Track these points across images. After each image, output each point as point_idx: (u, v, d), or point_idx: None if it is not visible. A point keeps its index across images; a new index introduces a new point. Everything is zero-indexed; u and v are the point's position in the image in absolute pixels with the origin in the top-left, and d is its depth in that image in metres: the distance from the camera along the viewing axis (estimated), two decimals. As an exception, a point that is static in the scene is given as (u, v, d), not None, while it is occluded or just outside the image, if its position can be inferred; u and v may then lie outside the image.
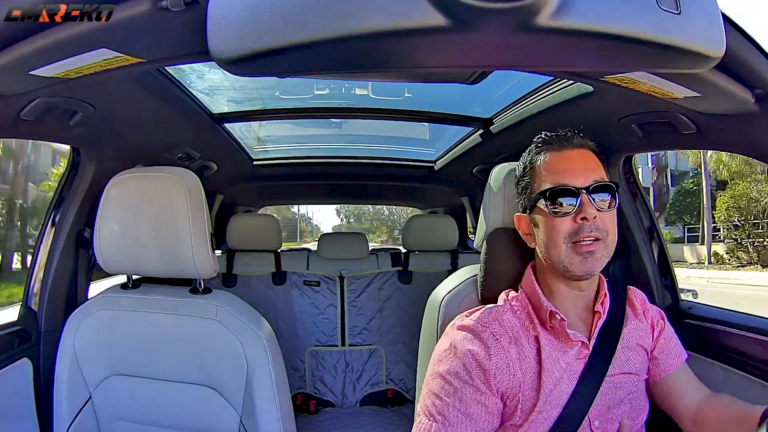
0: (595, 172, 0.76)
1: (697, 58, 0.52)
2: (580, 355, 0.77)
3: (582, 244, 0.73)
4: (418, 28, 0.45)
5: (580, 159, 0.78)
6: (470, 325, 0.78)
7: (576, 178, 0.75)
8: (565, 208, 0.74)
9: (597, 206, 0.74)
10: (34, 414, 1.05)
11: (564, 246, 0.74)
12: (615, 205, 0.76)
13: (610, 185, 0.76)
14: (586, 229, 0.73)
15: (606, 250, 0.75)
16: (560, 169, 0.77)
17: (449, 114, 1.69)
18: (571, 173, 0.76)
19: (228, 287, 2.12)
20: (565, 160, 0.78)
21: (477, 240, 1.00)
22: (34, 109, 0.83)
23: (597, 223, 0.74)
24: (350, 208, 32.83)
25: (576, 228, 0.74)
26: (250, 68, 0.50)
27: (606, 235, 0.74)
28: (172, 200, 0.94)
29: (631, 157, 1.22)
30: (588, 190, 0.74)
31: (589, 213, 0.73)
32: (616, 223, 0.77)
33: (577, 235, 0.73)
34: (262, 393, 0.93)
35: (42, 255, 1.16)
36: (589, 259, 0.73)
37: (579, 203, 0.74)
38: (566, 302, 0.80)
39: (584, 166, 0.77)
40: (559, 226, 0.75)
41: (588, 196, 0.74)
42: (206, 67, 1.25)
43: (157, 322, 0.98)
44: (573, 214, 0.74)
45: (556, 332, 0.77)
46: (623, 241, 1.22)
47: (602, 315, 0.79)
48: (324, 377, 2.19)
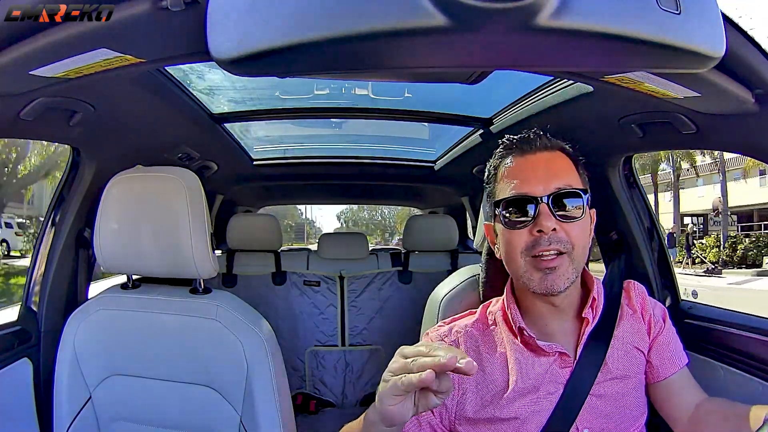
0: (560, 178, 0.71)
1: (697, 58, 0.52)
2: (564, 364, 0.75)
3: (542, 259, 0.68)
4: (418, 28, 0.45)
5: (543, 164, 0.72)
6: (433, 336, 0.80)
7: (535, 186, 0.70)
8: (521, 220, 0.69)
9: (558, 217, 0.68)
10: (34, 414, 1.05)
11: (522, 260, 0.70)
12: (583, 215, 0.71)
13: (575, 192, 0.70)
14: (544, 243, 0.68)
15: (572, 265, 0.69)
16: (519, 176, 0.71)
17: (449, 114, 1.69)
18: (530, 180, 0.70)
19: (228, 287, 2.12)
20: (525, 165, 0.72)
21: (477, 240, 1.00)
22: (34, 109, 0.83)
23: (558, 235, 0.68)
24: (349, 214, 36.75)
25: (532, 241, 0.69)
26: (250, 68, 0.50)
27: (571, 248, 0.69)
28: (172, 200, 0.94)
29: (631, 157, 1.22)
30: (549, 198, 0.68)
31: (545, 225, 0.68)
32: (587, 233, 0.72)
33: (534, 249, 0.69)
34: (262, 393, 0.93)
35: (42, 255, 1.16)
36: (550, 276, 0.68)
37: (536, 214, 0.68)
38: (542, 315, 0.76)
39: (546, 172, 0.71)
40: (514, 240, 0.70)
41: (548, 206, 0.68)
42: (206, 67, 1.25)
43: (157, 322, 0.98)
44: (529, 226, 0.69)
45: (528, 345, 0.75)
46: (623, 240, 1.22)
47: (591, 321, 0.75)
48: (324, 377, 2.19)
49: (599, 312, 0.78)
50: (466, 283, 0.97)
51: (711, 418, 0.75)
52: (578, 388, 0.74)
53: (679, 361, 0.81)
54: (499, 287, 0.89)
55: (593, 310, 0.77)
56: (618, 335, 0.78)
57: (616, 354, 0.77)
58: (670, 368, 0.80)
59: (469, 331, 0.80)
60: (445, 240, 2.18)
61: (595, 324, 0.77)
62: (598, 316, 0.77)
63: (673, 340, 0.83)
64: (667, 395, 0.79)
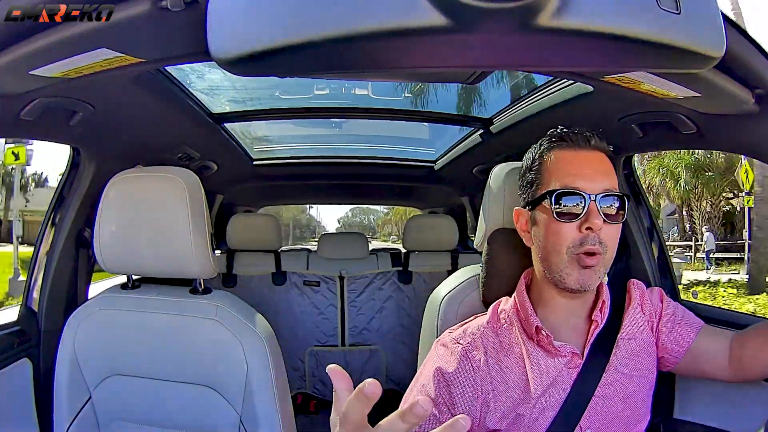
0: (608, 179, 0.72)
1: (697, 58, 0.52)
2: (572, 365, 0.75)
3: (584, 256, 0.69)
4: (418, 28, 0.45)
5: (595, 162, 0.73)
6: (447, 341, 0.79)
7: (588, 183, 0.70)
8: (572, 214, 0.70)
9: (604, 217, 0.70)
10: (34, 414, 1.05)
11: (566, 255, 0.70)
12: (622, 219, 0.72)
13: (621, 196, 0.72)
14: (590, 241, 0.69)
15: (604, 266, 0.71)
16: (572, 170, 0.72)
17: (449, 114, 1.69)
18: (584, 177, 0.71)
19: (228, 287, 2.12)
20: (578, 160, 0.73)
21: (477, 240, 1.00)
22: (34, 109, 0.83)
23: (601, 235, 0.69)
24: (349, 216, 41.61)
25: (580, 238, 0.69)
26: (250, 68, 0.50)
27: (606, 250, 0.70)
28: (172, 200, 0.94)
29: (631, 157, 1.22)
30: (599, 198, 0.70)
31: (595, 223, 0.68)
32: (618, 238, 0.73)
33: (581, 247, 0.69)
34: (261, 393, 0.93)
35: (42, 255, 1.16)
36: (587, 272, 0.70)
37: (587, 211, 0.69)
38: (559, 313, 0.77)
39: (598, 170, 0.72)
40: (562, 232, 0.70)
41: (597, 205, 0.69)
42: (206, 67, 1.25)
43: (157, 322, 0.98)
44: (579, 222, 0.70)
45: (543, 344, 0.75)
46: (623, 240, 1.22)
47: (599, 324, 0.76)
48: (324, 377, 2.19)
49: (606, 314, 0.78)
50: (466, 283, 0.97)
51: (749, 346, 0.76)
52: (583, 389, 0.74)
53: (693, 326, 0.81)
54: (499, 287, 0.89)
55: (602, 313, 0.77)
56: (623, 336, 0.78)
57: (621, 354, 0.77)
58: (688, 336, 0.79)
59: (485, 331, 0.79)
60: (445, 240, 2.18)
61: (603, 326, 0.77)
62: (605, 319, 0.78)
63: (679, 311, 0.82)
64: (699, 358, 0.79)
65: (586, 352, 0.75)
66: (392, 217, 40.83)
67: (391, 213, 40.71)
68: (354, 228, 35.61)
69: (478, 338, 0.78)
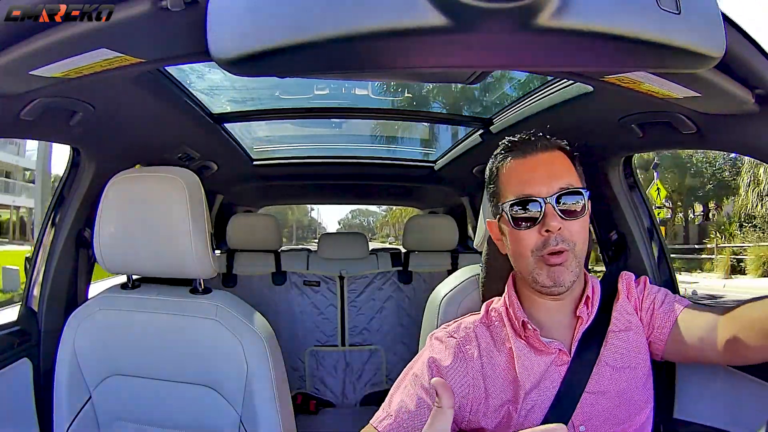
0: (561, 177, 0.73)
1: (697, 58, 0.52)
2: (560, 362, 0.76)
3: (548, 256, 0.71)
4: (418, 28, 0.45)
5: (544, 165, 0.74)
6: (441, 335, 0.81)
7: (539, 187, 0.72)
8: (529, 221, 0.72)
9: (563, 216, 0.71)
10: (34, 414, 1.05)
11: (531, 259, 0.73)
12: (584, 212, 0.73)
13: (577, 191, 0.73)
14: (552, 242, 0.71)
15: (575, 260, 0.72)
16: (522, 178, 0.74)
17: (449, 114, 1.69)
18: (534, 182, 0.73)
19: (228, 287, 2.12)
20: (527, 167, 0.75)
21: (477, 240, 1.00)
22: (34, 109, 0.83)
23: (563, 234, 0.71)
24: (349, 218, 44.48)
25: (542, 241, 0.71)
26: (250, 68, 0.50)
27: (573, 245, 0.72)
28: (172, 200, 0.94)
29: (631, 157, 1.22)
30: (553, 199, 0.71)
31: (552, 225, 0.70)
32: (587, 230, 0.74)
33: (544, 249, 0.71)
34: (261, 393, 0.93)
35: (42, 255, 1.16)
36: (557, 269, 0.71)
37: (542, 215, 0.71)
38: (544, 310, 0.78)
39: (548, 172, 0.73)
40: (524, 239, 0.73)
41: (553, 206, 0.71)
42: (206, 67, 1.25)
43: (157, 322, 0.98)
44: (538, 226, 0.72)
45: (530, 341, 0.76)
46: (623, 240, 1.22)
47: (585, 320, 0.77)
48: (324, 377, 2.20)
49: (595, 309, 0.79)
50: (466, 283, 0.97)
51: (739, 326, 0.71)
52: (573, 386, 0.74)
53: (676, 308, 0.79)
54: (498, 287, 0.89)
55: (588, 308, 0.78)
56: (612, 329, 0.79)
57: (611, 348, 0.77)
58: (669, 318, 0.78)
59: (479, 327, 0.81)
60: (445, 240, 2.18)
61: (591, 322, 0.78)
62: (594, 314, 0.78)
63: (660, 294, 0.82)
64: (685, 340, 0.76)
65: (573, 348, 0.76)
66: (389, 219, 41.36)
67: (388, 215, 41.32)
68: (354, 229, 36.11)
69: (472, 333, 0.80)
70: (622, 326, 0.79)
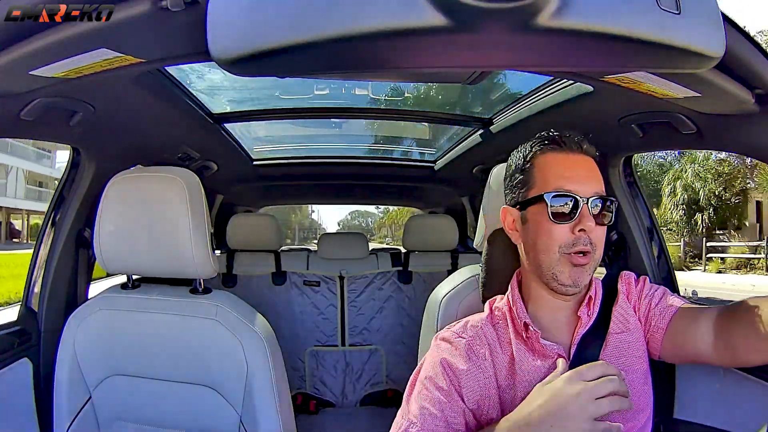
0: (598, 183, 0.75)
1: (697, 58, 0.52)
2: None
3: (576, 255, 0.72)
4: (419, 29, 0.45)
5: (585, 166, 0.75)
6: (448, 336, 0.80)
7: (581, 186, 0.73)
8: (565, 216, 0.72)
9: (596, 219, 0.72)
10: (34, 414, 1.05)
11: (558, 254, 0.73)
12: (610, 221, 0.75)
13: (611, 199, 0.75)
14: (582, 242, 0.71)
15: (593, 265, 0.74)
16: (566, 172, 0.74)
17: (449, 114, 1.69)
18: (577, 180, 0.73)
19: (228, 287, 2.12)
20: (570, 164, 0.75)
21: (477, 240, 1.00)
22: (34, 109, 0.83)
23: (591, 236, 0.72)
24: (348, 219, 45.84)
25: (573, 239, 0.72)
26: (250, 68, 0.50)
27: (595, 250, 0.73)
28: (172, 200, 0.94)
29: (631, 157, 1.22)
30: (592, 201, 0.72)
31: (588, 225, 0.71)
32: (604, 240, 0.76)
33: (573, 247, 0.72)
34: (261, 393, 0.93)
35: (42, 255, 1.16)
36: (578, 269, 0.72)
37: (580, 214, 0.72)
38: (548, 310, 0.78)
39: (588, 175, 0.75)
40: (556, 233, 0.72)
41: (589, 208, 0.72)
42: (206, 67, 1.25)
43: (157, 322, 0.98)
44: (572, 223, 0.72)
45: (530, 343, 0.76)
46: (623, 240, 1.22)
47: (585, 321, 0.77)
48: (324, 377, 2.19)
49: (596, 311, 0.79)
50: (466, 283, 0.97)
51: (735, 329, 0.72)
52: None
53: (671, 307, 0.79)
54: (499, 287, 0.89)
55: (589, 308, 0.78)
56: (612, 330, 0.78)
57: (610, 350, 0.77)
58: (664, 318, 0.78)
59: (486, 325, 0.80)
60: (445, 240, 2.18)
61: (591, 324, 0.77)
62: (595, 315, 0.78)
63: (659, 293, 0.82)
64: (680, 340, 0.77)
65: (572, 351, 0.76)
66: (386, 220, 41.43)
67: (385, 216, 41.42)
68: (353, 230, 36.20)
69: (480, 331, 0.79)
70: (621, 327, 0.79)
